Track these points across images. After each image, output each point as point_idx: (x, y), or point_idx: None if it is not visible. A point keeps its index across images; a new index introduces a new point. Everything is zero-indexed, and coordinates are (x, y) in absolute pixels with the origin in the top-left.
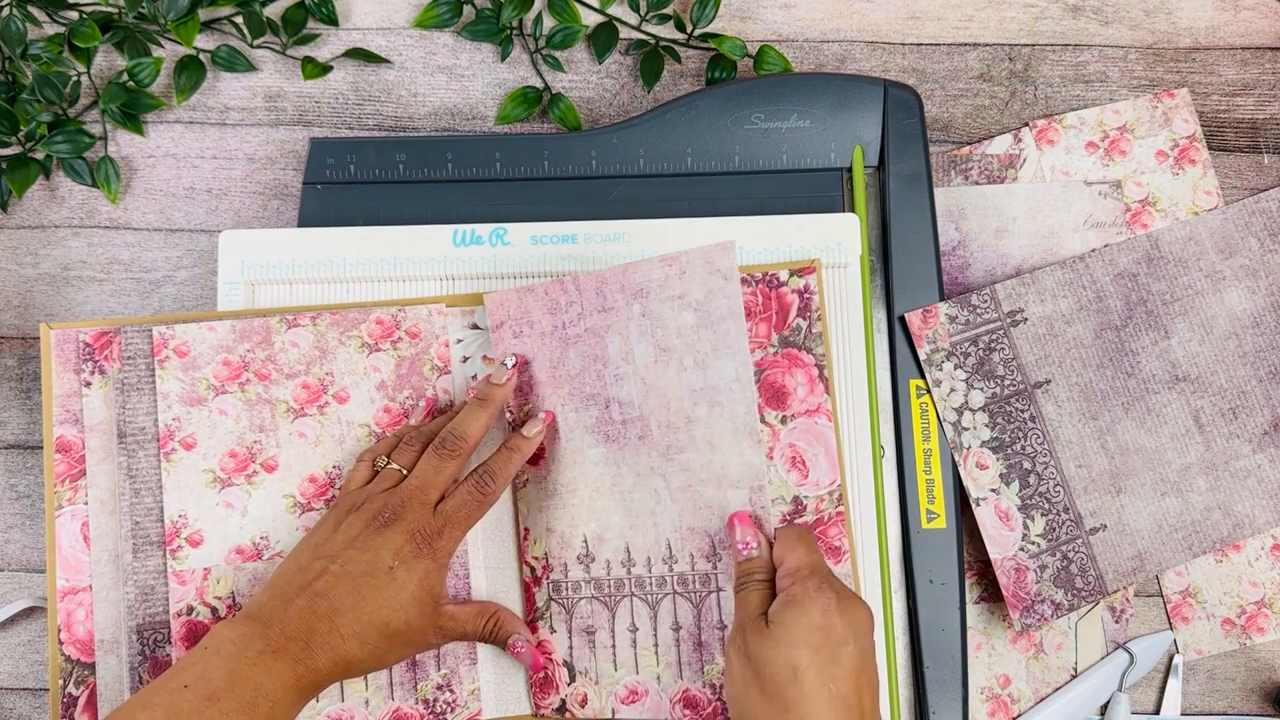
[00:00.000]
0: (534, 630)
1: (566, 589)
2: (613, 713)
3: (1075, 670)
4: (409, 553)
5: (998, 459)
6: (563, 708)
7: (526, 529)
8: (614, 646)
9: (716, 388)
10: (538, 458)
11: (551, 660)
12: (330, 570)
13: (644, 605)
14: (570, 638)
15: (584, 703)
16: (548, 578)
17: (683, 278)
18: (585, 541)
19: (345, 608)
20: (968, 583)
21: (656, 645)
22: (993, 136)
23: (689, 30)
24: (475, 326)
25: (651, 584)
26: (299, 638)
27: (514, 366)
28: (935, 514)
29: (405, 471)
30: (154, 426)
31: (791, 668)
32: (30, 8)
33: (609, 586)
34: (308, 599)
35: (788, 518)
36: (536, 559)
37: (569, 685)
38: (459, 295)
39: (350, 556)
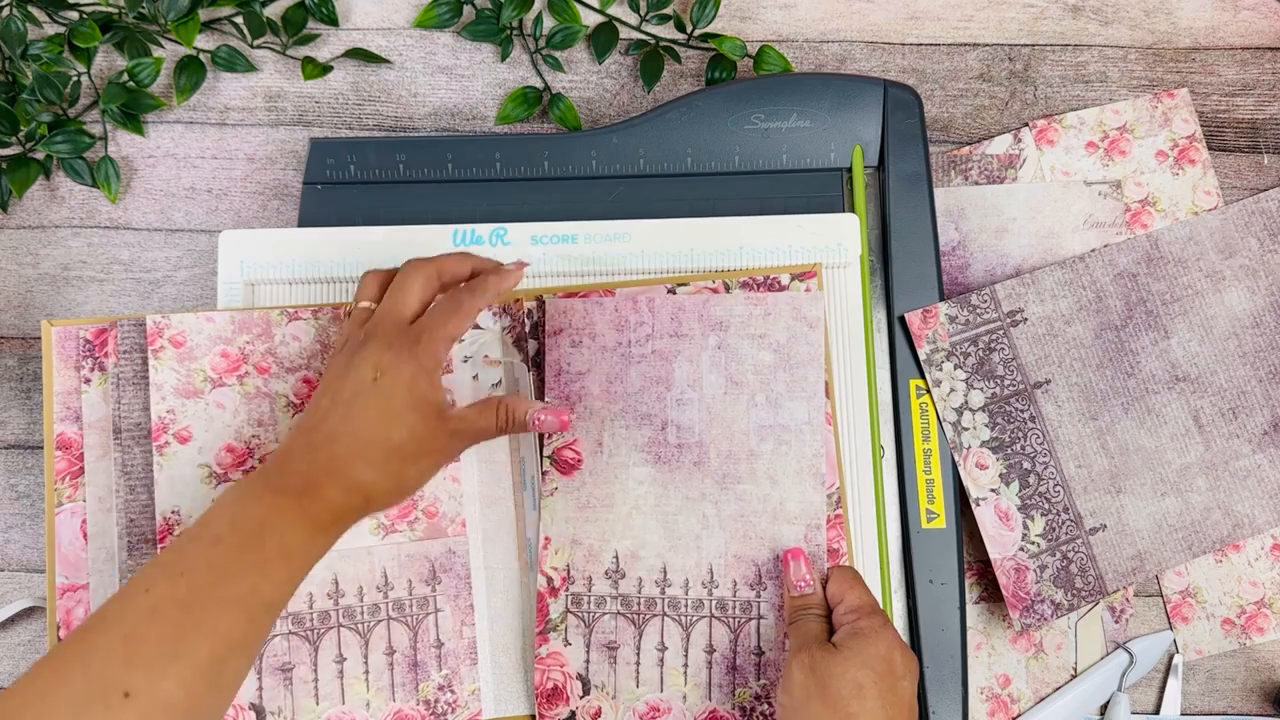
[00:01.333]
0: (545, 641)
1: (588, 602)
2: None
3: (1075, 670)
4: (389, 360)
5: (997, 459)
6: (571, 719)
7: (548, 537)
8: (638, 664)
9: (787, 427)
10: (571, 468)
11: (564, 673)
12: (320, 405)
13: (676, 626)
14: (588, 651)
15: (597, 716)
16: (567, 589)
17: (766, 319)
18: (616, 557)
19: (340, 433)
20: (967, 583)
21: (686, 665)
22: (993, 136)
23: (689, 30)
24: (476, 326)
25: (687, 606)
26: (299, 473)
27: (519, 264)
28: (935, 514)
29: (370, 304)
30: (149, 421)
31: (858, 685)
32: (30, 8)
33: (638, 604)
34: (302, 438)
35: None
36: (555, 569)
37: (581, 698)
38: None
39: (336, 387)
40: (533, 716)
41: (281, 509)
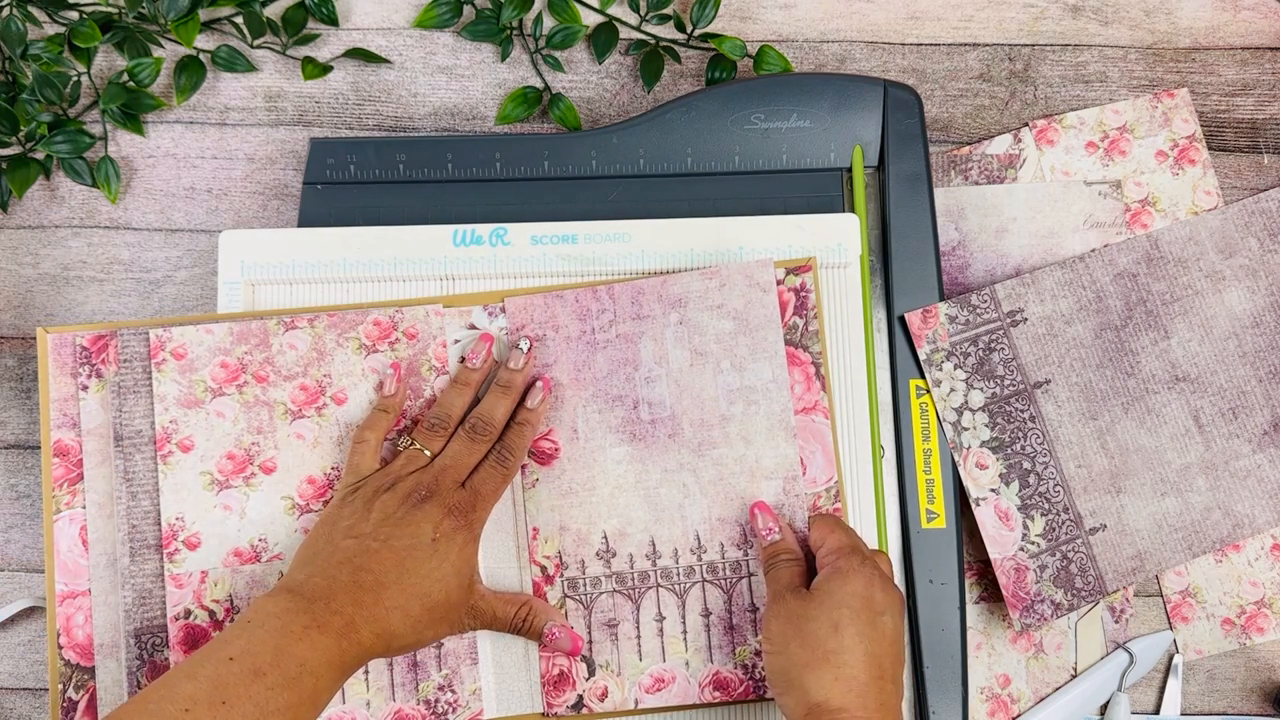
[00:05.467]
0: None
1: (584, 585)
2: (635, 703)
3: (1075, 670)
4: (449, 526)
5: (997, 459)
6: (579, 704)
7: (535, 528)
8: (639, 637)
9: (753, 388)
10: (550, 458)
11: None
12: (371, 546)
13: (671, 595)
14: (589, 632)
15: (604, 696)
16: (561, 575)
17: (722, 289)
18: (605, 537)
19: (390, 581)
20: (967, 583)
21: (685, 632)
22: (993, 136)
23: (689, 30)
24: (473, 326)
25: (679, 574)
26: (343, 612)
27: (529, 350)
28: (935, 514)
29: (428, 454)
30: (151, 429)
31: (833, 624)
32: (30, 8)
33: (632, 579)
34: (351, 573)
35: None
36: (548, 557)
37: (587, 680)
38: (456, 295)
39: (390, 532)
40: (543, 714)
41: (322, 649)
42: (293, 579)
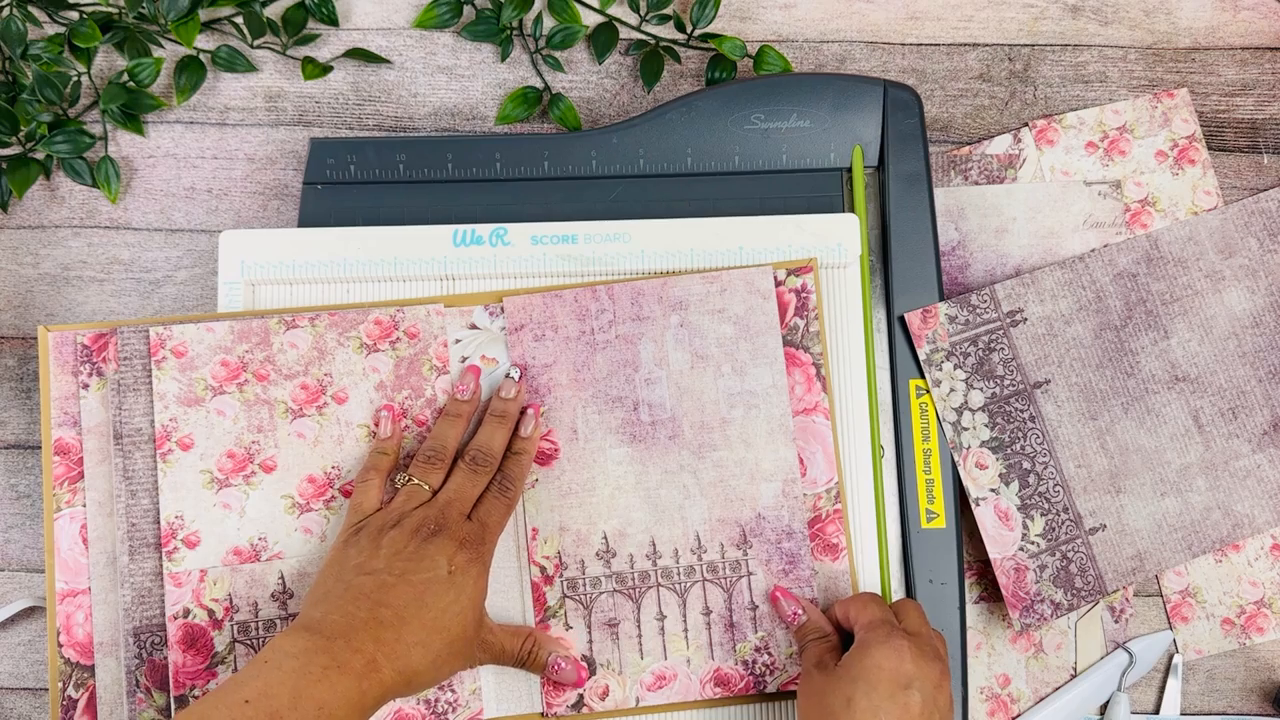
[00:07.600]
0: (546, 629)
1: (584, 585)
2: (637, 701)
3: (1075, 670)
4: (463, 559)
5: (997, 459)
6: (579, 703)
7: (535, 529)
8: (640, 636)
9: (754, 392)
10: (549, 458)
11: (569, 656)
12: (387, 581)
13: (672, 594)
14: (590, 632)
15: (605, 695)
16: (561, 575)
17: (723, 294)
18: (605, 538)
19: (410, 615)
20: (967, 583)
21: (686, 630)
22: (992, 136)
23: (689, 30)
24: (474, 326)
25: (679, 574)
26: (364, 650)
27: (520, 379)
28: (935, 514)
29: (428, 488)
30: (150, 427)
31: (846, 698)
32: (30, 8)
33: (633, 579)
34: (369, 609)
35: None
36: (547, 558)
37: (589, 680)
38: (457, 295)
39: (406, 567)
40: (542, 714)
41: (341, 691)
42: (308, 617)
